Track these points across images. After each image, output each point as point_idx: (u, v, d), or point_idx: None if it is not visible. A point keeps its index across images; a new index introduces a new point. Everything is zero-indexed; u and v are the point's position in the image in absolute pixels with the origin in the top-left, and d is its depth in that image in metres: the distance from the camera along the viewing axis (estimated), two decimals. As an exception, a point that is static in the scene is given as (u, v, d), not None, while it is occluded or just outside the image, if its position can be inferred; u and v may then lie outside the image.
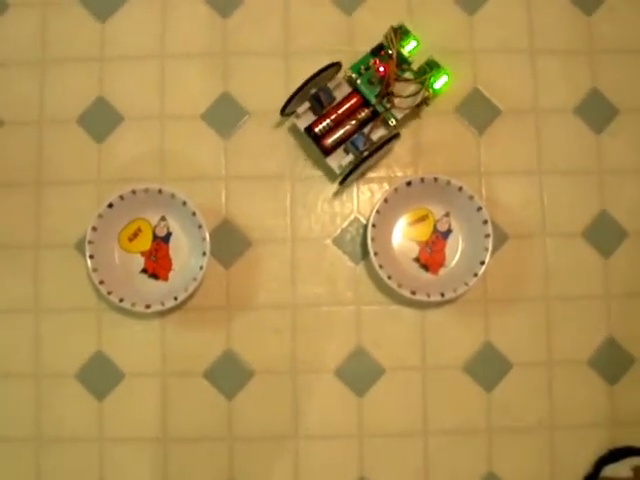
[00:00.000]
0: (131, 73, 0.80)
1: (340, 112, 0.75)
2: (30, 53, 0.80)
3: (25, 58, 0.80)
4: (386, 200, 0.76)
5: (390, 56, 0.75)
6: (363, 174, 0.80)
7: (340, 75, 0.77)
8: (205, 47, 0.81)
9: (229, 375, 0.78)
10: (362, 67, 0.76)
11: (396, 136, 0.75)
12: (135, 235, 0.78)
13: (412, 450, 0.78)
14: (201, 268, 0.74)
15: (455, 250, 0.79)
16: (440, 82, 0.77)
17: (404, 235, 0.79)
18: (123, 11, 0.81)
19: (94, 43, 0.80)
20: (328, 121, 0.76)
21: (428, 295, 0.75)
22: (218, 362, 0.78)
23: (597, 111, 0.81)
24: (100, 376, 0.78)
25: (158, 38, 0.81)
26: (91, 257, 0.74)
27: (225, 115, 0.80)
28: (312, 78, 0.74)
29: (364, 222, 0.80)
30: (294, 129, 0.79)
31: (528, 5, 0.82)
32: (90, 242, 0.74)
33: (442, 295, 0.75)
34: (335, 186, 0.80)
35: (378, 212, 0.76)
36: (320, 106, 0.75)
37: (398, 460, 0.78)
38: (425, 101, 0.77)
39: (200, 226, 0.74)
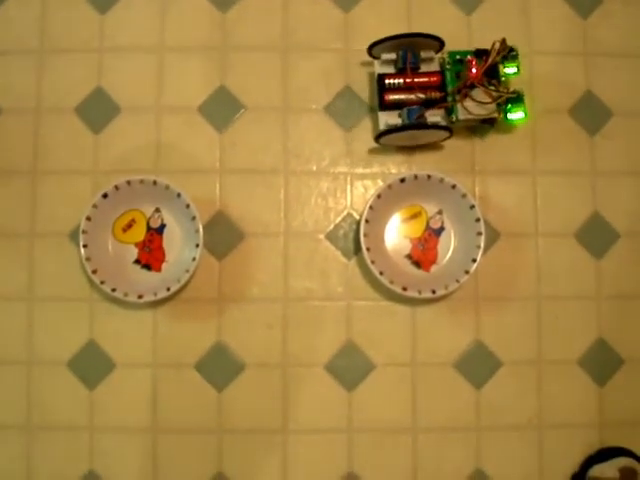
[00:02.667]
0: (129, 65, 0.81)
1: (416, 80, 0.76)
2: (29, 42, 0.81)
3: (24, 47, 0.81)
4: (379, 196, 0.76)
5: (485, 64, 0.75)
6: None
7: (437, 55, 0.78)
8: (203, 41, 0.81)
9: (220, 367, 0.78)
10: (458, 57, 0.77)
11: (447, 130, 0.76)
12: (129, 226, 0.78)
13: (401, 446, 0.78)
14: (194, 260, 0.74)
15: (447, 247, 0.79)
16: (515, 115, 0.76)
17: (397, 232, 0.79)
18: (123, 3, 0.82)
19: (93, 34, 0.81)
20: (401, 81, 0.76)
21: (419, 292, 0.75)
22: (209, 354, 0.78)
23: (591, 113, 0.82)
24: (91, 365, 0.78)
25: (157, 31, 0.81)
26: (85, 246, 0.75)
27: (221, 108, 0.81)
28: (415, 35, 0.75)
29: (357, 218, 0.80)
30: (291, 121, 0.81)
31: (524, 6, 0.83)
32: (84, 231, 0.75)
33: (433, 292, 0.75)
34: (328, 181, 0.80)
35: (371, 208, 0.76)
36: (403, 64, 0.76)
37: (387, 456, 0.78)
38: (491, 121, 0.77)
39: (194, 218, 0.75)
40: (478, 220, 0.76)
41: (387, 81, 0.77)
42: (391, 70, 0.78)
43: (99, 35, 0.81)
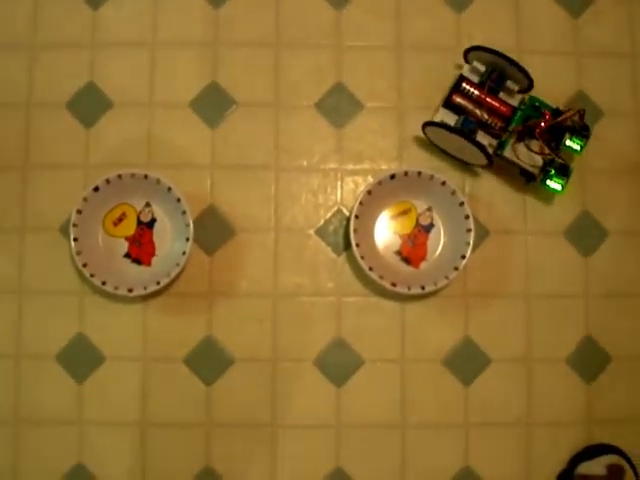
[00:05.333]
0: (122, 60, 0.81)
1: (488, 100, 0.77)
2: (21, 37, 0.81)
3: (16, 41, 0.81)
4: (369, 192, 0.76)
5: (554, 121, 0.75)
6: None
7: (520, 95, 0.78)
8: (196, 37, 0.82)
9: (209, 362, 0.78)
10: (537, 104, 0.77)
11: (487, 157, 0.75)
12: (120, 220, 0.78)
13: (389, 442, 0.78)
14: (184, 254, 0.74)
15: (437, 244, 0.79)
16: (553, 184, 0.76)
17: (387, 228, 0.80)
18: (116, -2, 0.82)
19: (86, 29, 0.81)
20: (476, 92, 0.77)
21: (409, 288, 0.75)
22: (199, 348, 0.78)
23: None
24: (81, 359, 0.78)
25: (150, 26, 0.82)
26: (75, 240, 0.75)
27: (213, 104, 0.81)
28: (513, 63, 0.75)
29: (347, 214, 0.80)
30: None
31: (515, 6, 0.83)
32: (75, 225, 0.75)
33: (422, 288, 0.75)
34: (319, 177, 0.81)
35: (361, 204, 0.76)
36: (485, 79, 0.77)
37: (375, 452, 0.78)
38: (530, 176, 0.77)
39: (184, 212, 0.75)
40: (467, 217, 0.76)
41: (463, 85, 0.77)
42: (475, 79, 0.78)
43: (91, 30, 0.81)
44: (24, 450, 0.77)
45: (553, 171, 0.76)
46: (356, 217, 0.76)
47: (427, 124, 0.77)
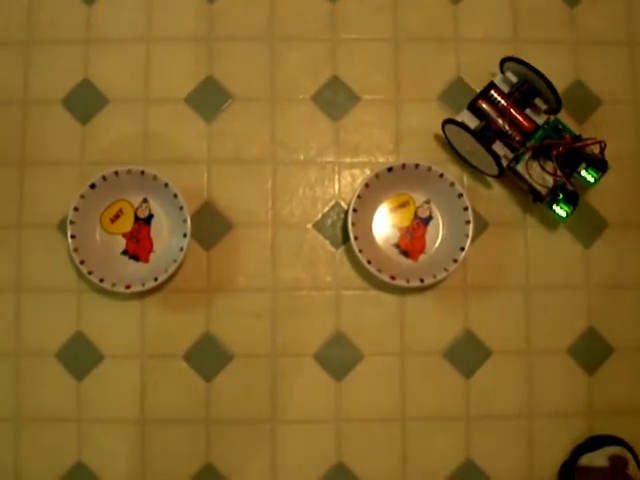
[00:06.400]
0: (116, 56, 0.81)
1: (512, 112, 0.76)
2: (16, 34, 0.81)
3: (11, 39, 0.81)
4: (367, 185, 0.76)
5: (571, 147, 0.75)
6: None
7: (546, 115, 0.77)
8: (190, 32, 0.81)
9: (208, 358, 0.78)
10: (559, 127, 0.77)
11: (499, 167, 0.74)
12: (117, 216, 0.78)
13: (390, 436, 0.78)
14: (182, 249, 0.74)
15: (435, 237, 0.79)
16: (559, 210, 0.76)
17: (385, 221, 0.79)
18: (110, -6, 0.82)
19: (80, 25, 0.81)
20: (502, 102, 0.76)
21: (407, 281, 0.75)
22: (197, 344, 0.78)
23: (580, 102, 0.82)
24: (80, 356, 0.78)
25: (144, 22, 0.81)
26: (72, 237, 0.75)
27: (209, 99, 0.81)
28: (547, 82, 0.74)
29: (345, 207, 0.80)
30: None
31: (513, -5, 0.83)
32: (72, 222, 0.75)
33: (422, 281, 0.75)
34: (316, 170, 0.80)
35: (359, 197, 0.76)
36: (514, 90, 0.76)
37: (376, 445, 0.78)
38: (537, 195, 0.76)
39: (181, 208, 0.75)
40: (466, 209, 0.76)
41: (491, 92, 0.77)
42: (505, 90, 0.77)
43: (86, 26, 0.81)
44: (24, 448, 0.77)
45: (562, 196, 0.75)
46: (354, 210, 0.76)
47: (448, 121, 0.76)
